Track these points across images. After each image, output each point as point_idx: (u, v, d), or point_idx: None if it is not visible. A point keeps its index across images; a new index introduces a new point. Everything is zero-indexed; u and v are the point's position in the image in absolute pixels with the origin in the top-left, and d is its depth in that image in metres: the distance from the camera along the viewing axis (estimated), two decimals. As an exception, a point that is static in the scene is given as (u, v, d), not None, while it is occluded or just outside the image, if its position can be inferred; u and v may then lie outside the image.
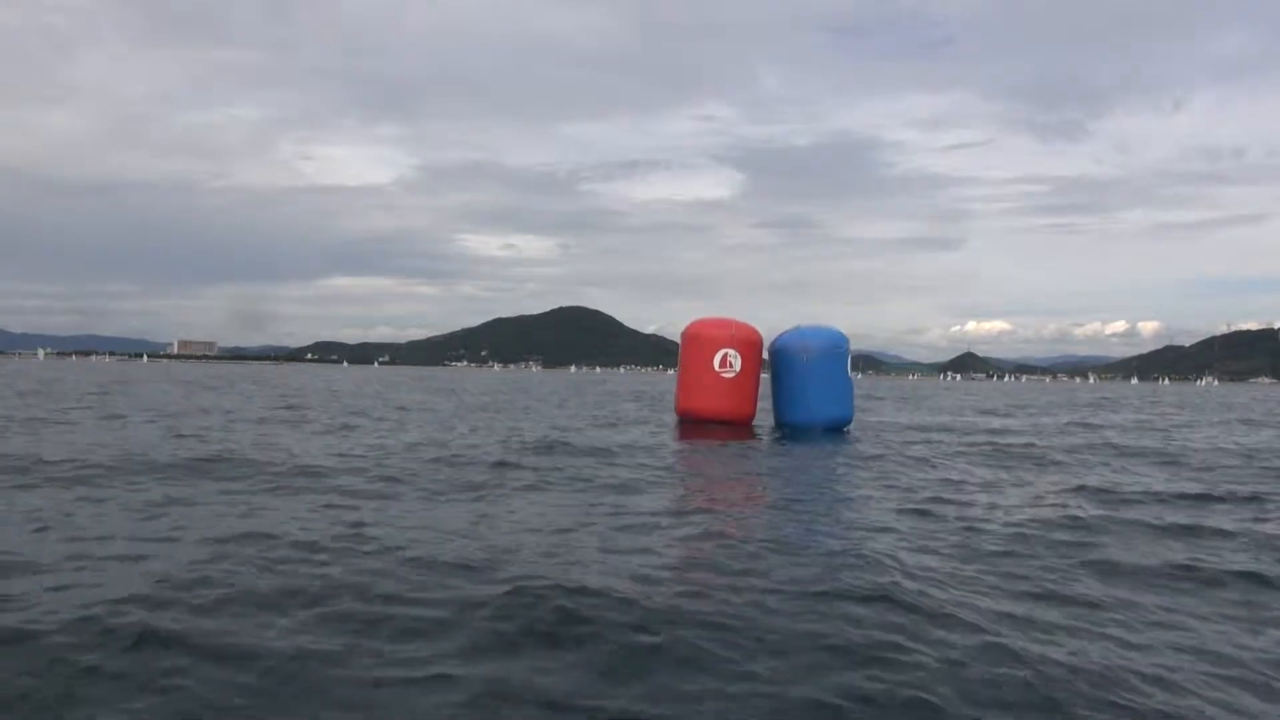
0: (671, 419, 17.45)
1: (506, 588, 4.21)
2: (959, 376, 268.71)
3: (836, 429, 15.42)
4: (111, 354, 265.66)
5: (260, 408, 19.90)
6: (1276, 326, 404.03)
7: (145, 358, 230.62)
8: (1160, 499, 8.11)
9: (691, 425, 15.21)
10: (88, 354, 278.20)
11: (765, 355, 15.93)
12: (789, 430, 15.25)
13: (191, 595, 4.08)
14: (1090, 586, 4.82)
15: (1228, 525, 6.78)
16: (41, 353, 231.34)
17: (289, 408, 20.23)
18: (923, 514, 6.97)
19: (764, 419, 16.04)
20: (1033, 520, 6.74)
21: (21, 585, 4.21)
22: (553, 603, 3.96)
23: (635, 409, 22.55)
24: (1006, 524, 6.55)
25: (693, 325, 15.46)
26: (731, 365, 14.72)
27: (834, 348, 15.42)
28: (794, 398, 15.42)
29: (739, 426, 14.94)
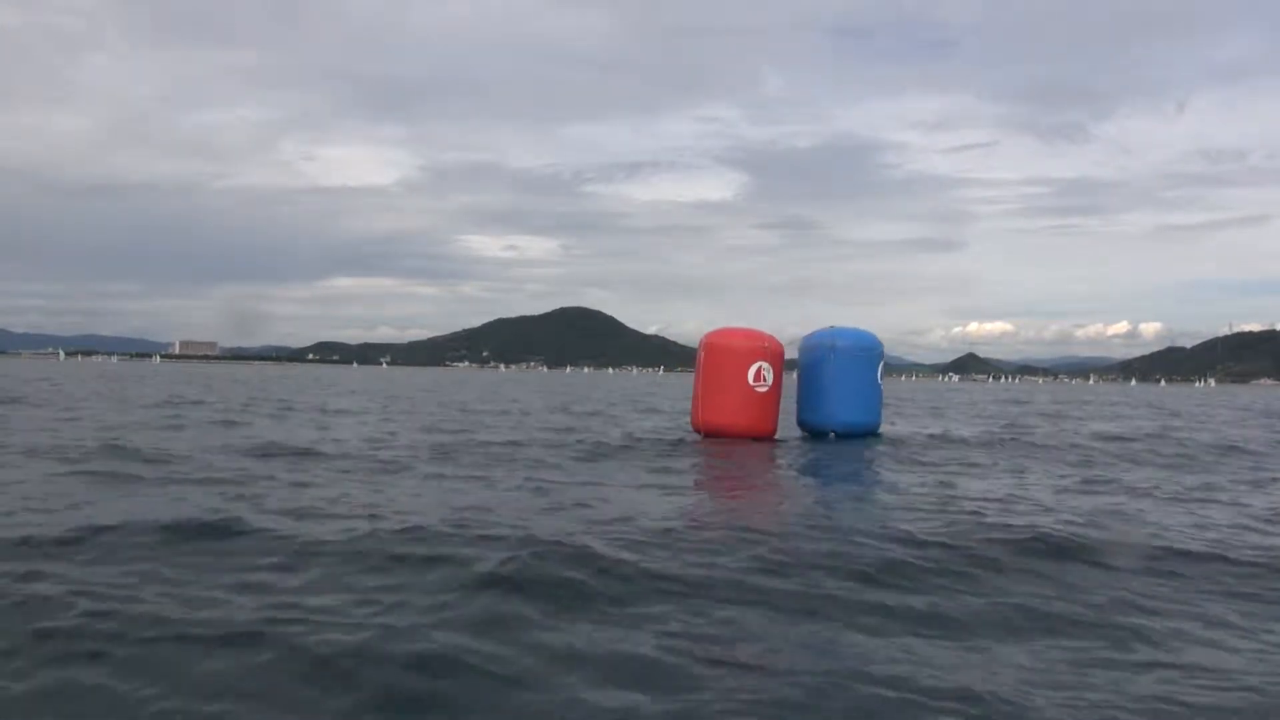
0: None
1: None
2: (958, 377, 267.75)
3: (857, 435, 15.23)
4: (115, 354, 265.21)
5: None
6: (1278, 328, 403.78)
7: (158, 358, 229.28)
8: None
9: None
10: (90, 354, 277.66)
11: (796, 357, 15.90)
12: (808, 431, 15.27)
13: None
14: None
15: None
16: (61, 353, 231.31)
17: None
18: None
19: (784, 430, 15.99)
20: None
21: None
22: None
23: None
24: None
25: (719, 335, 15.08)
26: (765, 379, 14.49)
27: (862, 349, 15.36)
28: (815, 399, 15.34)
29: (762, 440, 14.52)
